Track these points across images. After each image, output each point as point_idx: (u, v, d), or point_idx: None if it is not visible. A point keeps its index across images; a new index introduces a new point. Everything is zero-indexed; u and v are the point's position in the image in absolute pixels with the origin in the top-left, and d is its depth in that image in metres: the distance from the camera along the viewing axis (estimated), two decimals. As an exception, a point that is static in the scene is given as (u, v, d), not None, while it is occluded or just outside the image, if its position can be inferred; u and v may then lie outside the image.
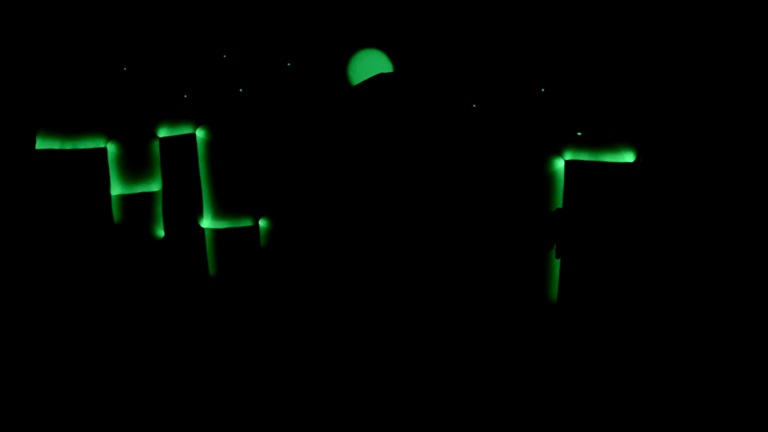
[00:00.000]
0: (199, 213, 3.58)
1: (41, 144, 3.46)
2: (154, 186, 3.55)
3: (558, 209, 3.08)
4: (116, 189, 3.52)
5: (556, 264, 3.35)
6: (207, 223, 3.55)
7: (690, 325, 3.33)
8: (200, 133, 3.55)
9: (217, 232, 3.54)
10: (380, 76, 3.46)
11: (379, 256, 3.45)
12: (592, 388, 3.19)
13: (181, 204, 3.60)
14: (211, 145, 3.55)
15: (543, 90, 3.41)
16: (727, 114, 3.36)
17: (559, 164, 3.35)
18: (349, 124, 3.48)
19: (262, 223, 3.51)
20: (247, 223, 3.54)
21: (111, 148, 3.50)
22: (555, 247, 3.31)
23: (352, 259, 3.46)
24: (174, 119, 3.56)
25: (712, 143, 3.36)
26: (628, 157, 3.34)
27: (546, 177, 3.35)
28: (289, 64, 3.54)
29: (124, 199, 3.53)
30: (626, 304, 3.37)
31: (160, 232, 3.57)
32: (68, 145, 3.48)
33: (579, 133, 3.37)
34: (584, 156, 3.36)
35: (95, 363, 3.32)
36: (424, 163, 3.43)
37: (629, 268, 3.37)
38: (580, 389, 3.19)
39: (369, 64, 3.59)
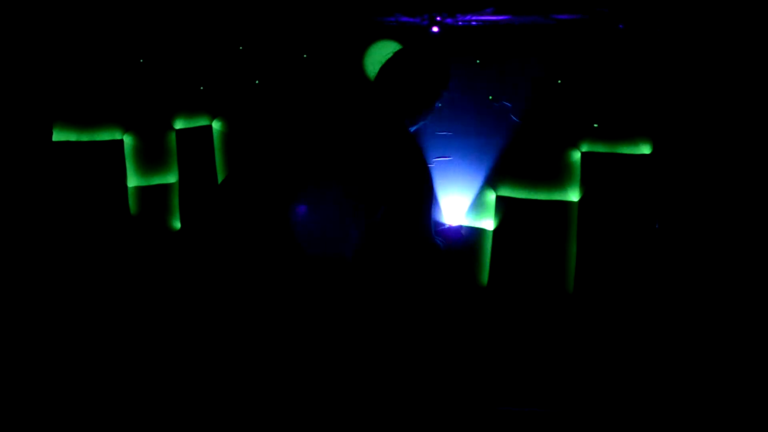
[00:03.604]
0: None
1: (58, 136, 3.48)
2: (171, 178, 3.56)
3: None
4: (133, 181, 3.53)
5: (573, 255, 3.36)
6: (223, 214, 3.57)
7: (706, 316, 3.34)
8: (216, 125, 3.56)
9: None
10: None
11: (394, 247, 3.45)
12: (608, 379, 3.21)
13: (198, 196, 3.61)
14: (228, 136, 3.56)
15: (559, 81, 3.42)
16: (746, 106, 3.36)
17: (576, 156, 3.36)
18: (364, 116, 3.48)
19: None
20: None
21: (127, 140, 3.52)
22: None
23: (362, 254, 3.46)
24: (190, 111, 3.57)
25: (730, 135, 3.36)
26: (645, 148, 3.35)
27: (563, 168, 3.36)
28: (305, 56, 3.54)
29: (141, 190, 3.54)
30: (643, 296, 3.37)
31: (177, 224, 3.59)
32: (85, 137, 3.49)
33: (596, 125, 3.38)
34: (601, 148, 3.37)
35: (111, 354, 3.34)
36: (441, 155, 3.44)
37: (646, 260, 3.37)
38: (597, 381, 3.20)
39: (385, 56, 3.58)
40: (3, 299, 3.41)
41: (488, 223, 3.42)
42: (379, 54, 3.57)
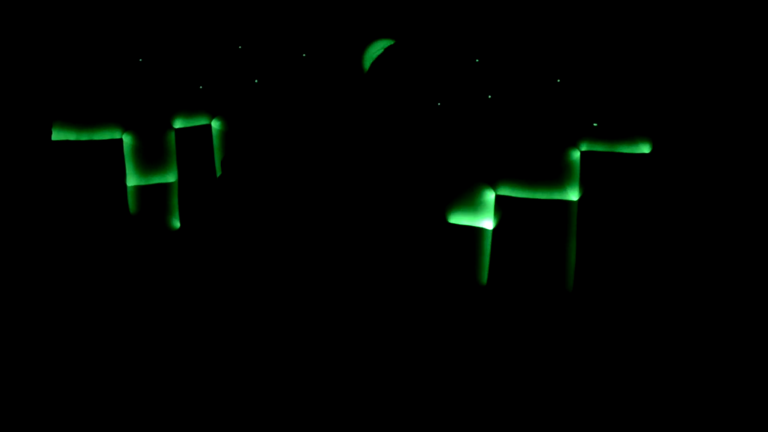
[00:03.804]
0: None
1: (57, 135, 3.47)
2: (170, 177, 3.56)
3: None
4: (132, 180, 3.53)
5: (573, 254, 3.36)
6: (222, 214, 3.56)
7: (707, 316, 3.34)
8: (216, 125, 3.56)
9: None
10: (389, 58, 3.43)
11: (395, 244, 3.45)
12: (608, 379, 3.21)
13: (197, 195, 3.61)
14: (227, 136, 3.56)
15: (558, 81, 3.42)
16: (747, 106, 3.36)
17: (575, 155, 3.36)
18: (364, 114, 3.49)
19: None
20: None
21: (127, 140, 3.51)
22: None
23: (363, 253, 3.47)
24: (189, 110, 3.57)
25: (731, 135, 3.36)
26: (645, 148, 3.35)
27: (562, 168, 3.36)
28: (304, 55, 3.54)
29: (140, 190, 3.54)
30: (643, 296, 3.37)
31: (176, 223, 3.58)
32: (84, 137, 3.49)
33: (595, 124, 3.38)
34: (600, 147, 3.37)
35: (111, 354, 3.33)
36: (440, 154, 3.44)
37: (646, 259, 3.37)
38: (597, 380, 3.20)
39: (378, 52, 3.59)
40: (3, 299, 3.41)
41: (488, 222, 3.42)
42: (375, 51, 3.58)
